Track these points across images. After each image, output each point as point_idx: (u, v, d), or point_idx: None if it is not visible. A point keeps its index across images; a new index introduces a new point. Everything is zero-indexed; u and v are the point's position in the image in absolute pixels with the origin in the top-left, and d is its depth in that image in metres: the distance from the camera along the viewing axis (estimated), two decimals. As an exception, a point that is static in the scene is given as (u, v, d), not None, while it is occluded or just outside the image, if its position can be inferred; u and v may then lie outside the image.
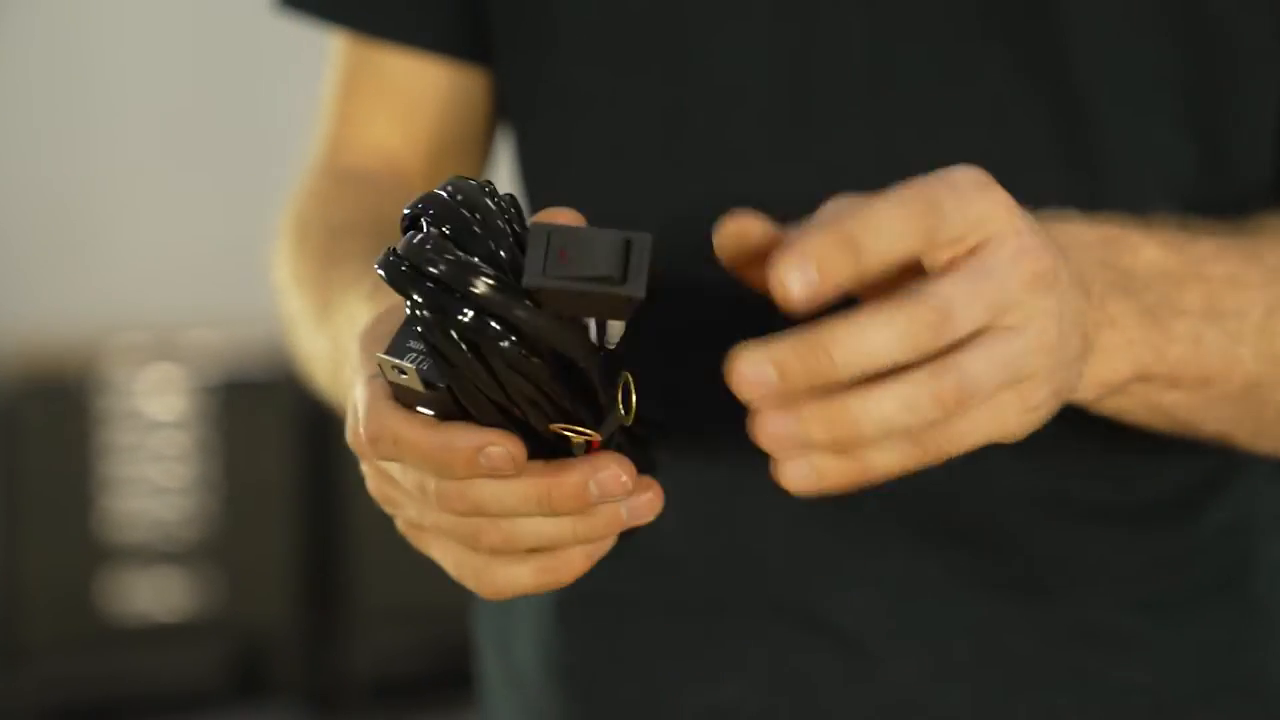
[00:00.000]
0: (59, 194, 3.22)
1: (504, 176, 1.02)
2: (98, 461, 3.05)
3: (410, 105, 0.98)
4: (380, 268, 0.62)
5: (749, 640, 0.90)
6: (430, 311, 0.61)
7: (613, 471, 0.64)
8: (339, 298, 0.83)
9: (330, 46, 1.01)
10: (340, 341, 0.81)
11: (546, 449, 0.65)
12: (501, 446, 0.63)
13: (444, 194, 0.63)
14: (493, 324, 0.61)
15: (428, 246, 0.61)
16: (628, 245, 0.60)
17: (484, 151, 1.01)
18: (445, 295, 0.61)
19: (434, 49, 0.97)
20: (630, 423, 0.65)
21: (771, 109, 0.87)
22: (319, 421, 3.13)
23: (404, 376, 0.64)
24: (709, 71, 0.88)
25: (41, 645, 3.05)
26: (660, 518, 0.90)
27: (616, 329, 0.63)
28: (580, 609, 0.93)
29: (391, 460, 0.65)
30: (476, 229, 0.62)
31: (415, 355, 0.63)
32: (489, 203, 0.63)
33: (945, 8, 0.85)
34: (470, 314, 0.61)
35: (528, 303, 0.61)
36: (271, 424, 3.12)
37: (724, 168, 0.88)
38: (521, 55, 0.93)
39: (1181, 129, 0.86)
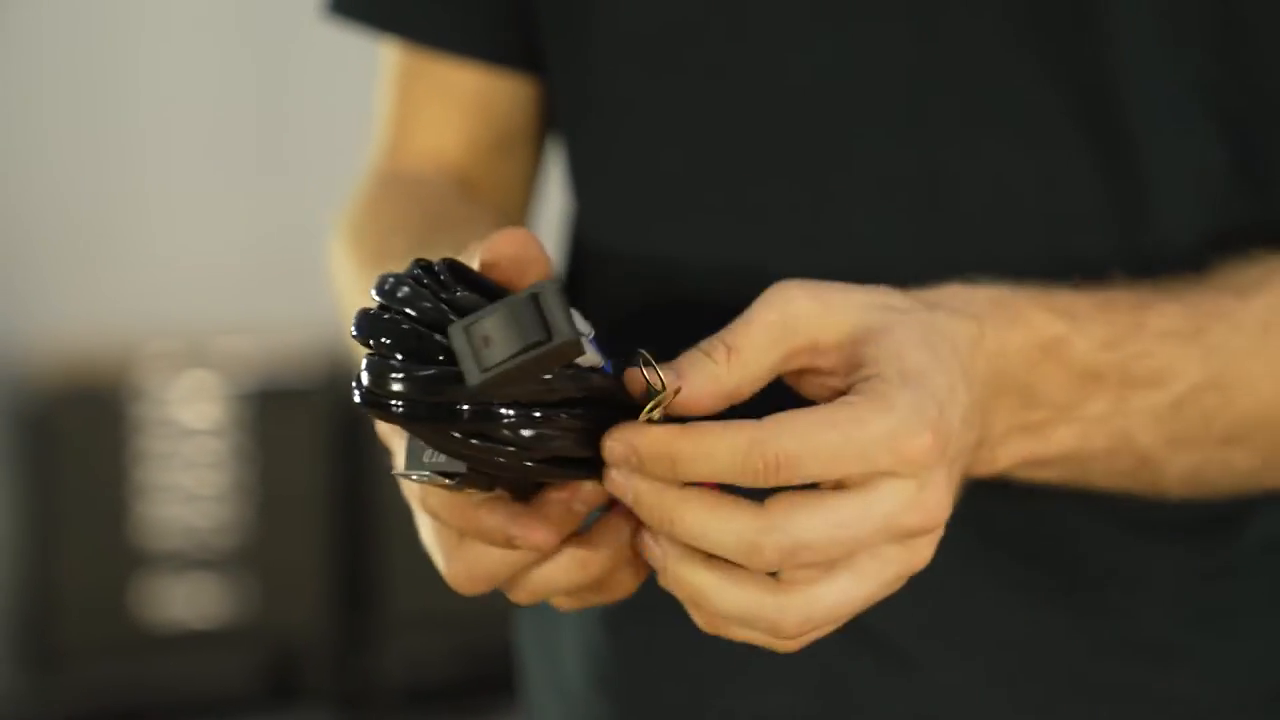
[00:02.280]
0: (93, 201, 3.23)
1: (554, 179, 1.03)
2: (132, 468, 3.06)
3: (462, 112, 0.99)
4: (365, 408, 0.62)
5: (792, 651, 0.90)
6: (427, 434, 0.62)
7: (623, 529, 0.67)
8: None
9: (382, 55, 1.02)
10: None
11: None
12: (523, 536, 0.66)
13: (376, 308, 0.63)
14: (491, 411, 0.62)
15: (394, 386, 0.61)
16: (536, 301, 0.60)
17: (535, 154, 1.01)
18: (430, 418, 0.61)
19: (484, 57, 0.97)
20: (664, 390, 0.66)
21: (812, 119, 0.87)
22: (352, 428, 3.14)
23: (429, 480, 0.65)
24: (749, 82, 0.88)
25: (76, 651, 3.06)
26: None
27: (582, 327, 0.63)
28: (626, 619, 0.93)
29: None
30: (417, 338, 0.62)
31: (429, 454, 0.64)
32: (421, 295, 0.63)
33: (987, 20, 0.85)
34: (466, 412, 0.61)
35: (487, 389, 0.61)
36: (305, 431, 3.12)
37: (764, 177, 0.88)
38: (566, 63, 0.93)
39: (1219, 145, 0.85)
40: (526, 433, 0.62)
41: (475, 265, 0.65)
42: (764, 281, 0.87)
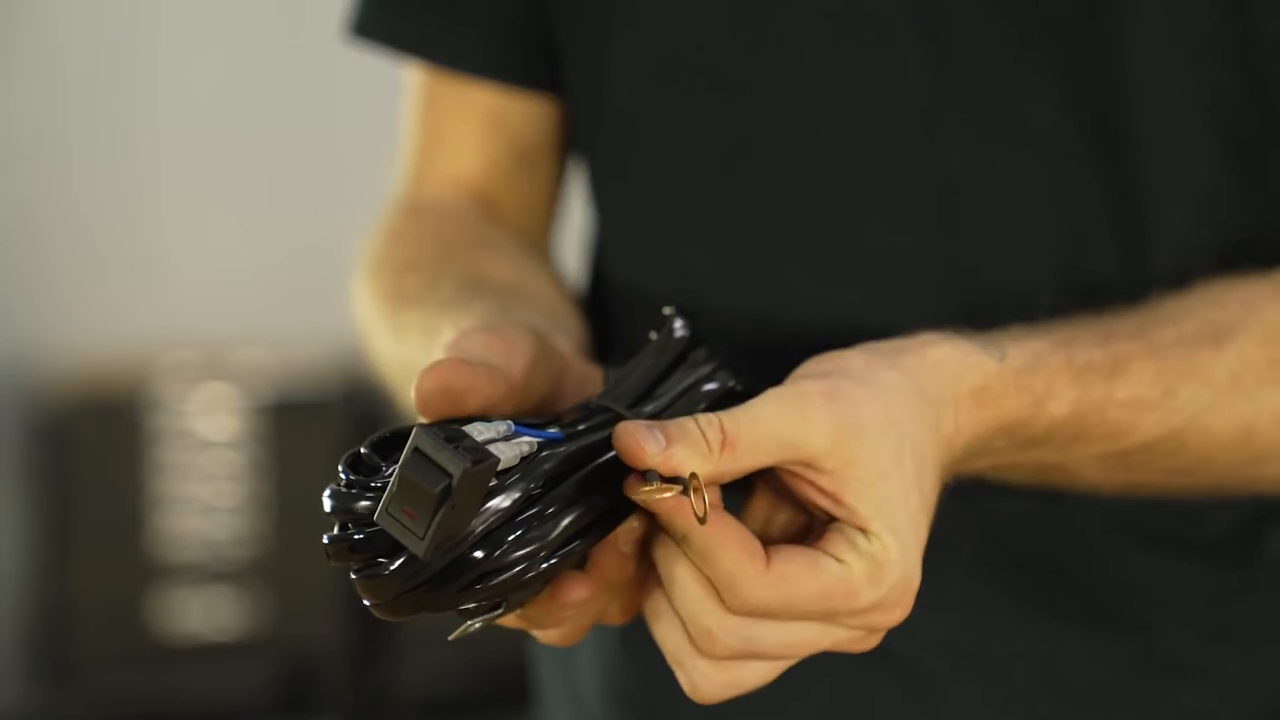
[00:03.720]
0: (111, 213, 3.23)
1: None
2: (148, 480, 3.07)
3: (484, 133, 0.99)
4: (391, 619, 0.64)
5: (812, 669, 0.90)
6: (449, 605, 0.64)
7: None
8: (405, 347, 0.86)
9: (405, 77, 1.02)
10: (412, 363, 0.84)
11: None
12: (571, 599, 0.68)
13: (334, 530, 0.64)
14: (468, 558, 0.63)
15: (389, 589, 0.63)
16: (419, 453, 0.61)
17: (556, 173, 1.02)
18: (436, 592, 0.63)
19: (506, 78, 0.98)
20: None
21: (827, 135, 0.88)
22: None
23: (483, 626, 0.67)
24: (766, 101, 0.88)
25: (91, 662, 3.06)
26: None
27: (506, 450, 0.64)
28: (645, 636, 0.93)
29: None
30: (370, 541, 0.63)
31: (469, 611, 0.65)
32: (353, 498, 0.64)
33: (1001, 38, 0.85)
34: (455, 572, 0.63)
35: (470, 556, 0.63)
36: (321, 443, 3.12)
37: (780, 194, 0.89)
38: (584, 83, 0.93)
39: (1226, 165, 0.86)
40: (521, 550, 0.63)
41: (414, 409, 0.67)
42: (780, 297, 0.88)
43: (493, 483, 0.63)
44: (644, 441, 0.63)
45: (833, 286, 0.88)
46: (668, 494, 0.63)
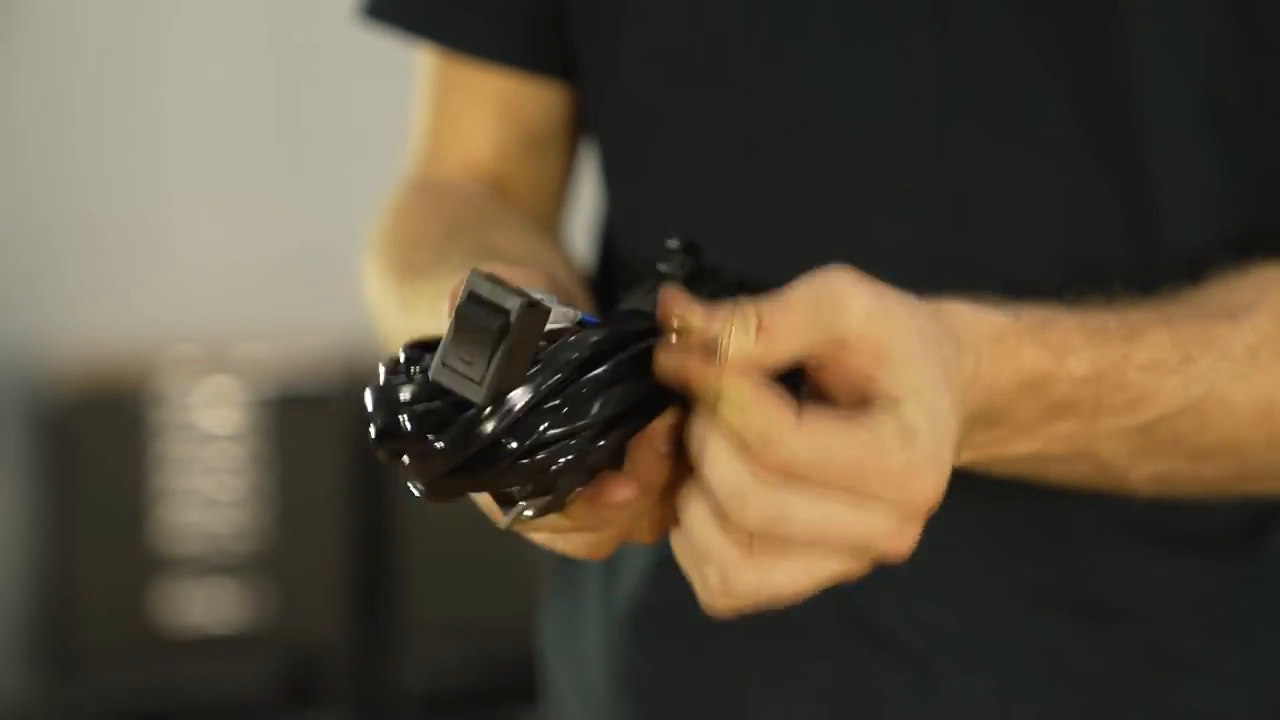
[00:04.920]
0: (115, 206, 3.24)
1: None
2: (151, 473, 3.07)
3: (496, 117, 0.99)
4: (435, 499, 0.63)
5: (817, 658, 0.90)
6: (500, 478, 0.62)
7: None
8: (415, 316, 0.85)
9: (418, 61, 1.03)
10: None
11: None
12: (612, 498, 0.65)
13: (380, 422, 0.63)
14: (528, 420, 0.62)
15: (438, 463, 0.62)
16: (474, 297, 0.61)
17: (568, 158, 1.02)
18: (488, 462, 0.62)
19: (519, 63, 0.98)
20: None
21: (839, 134, 0.88)
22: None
23: (535, 514, 0.65)
24: (777, 97, 0.88)
25: (95, 655, 3.07)
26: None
27: (557, 312, 0.63)
28: (651, 624, 0.94)
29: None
30: (419, 418, 0.62)
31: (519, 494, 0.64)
32: (398, 384, 0.63)
33: (1012, 40, 0.85)
34: (510, 435, 0.62)
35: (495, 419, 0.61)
36: (324, 437, 3.13)
37: (792, 192, 0.89)
38: (598, 71, 0.94)
39: (1234, 168, 0.86)
40: (563, 427, 0.62)
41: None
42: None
43: (541, 344, 0.62)
44: (690, 306, 0.63)
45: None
46: (694, 352, 0.63)
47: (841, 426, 0.62)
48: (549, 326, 0.62)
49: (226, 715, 3.15)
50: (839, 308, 0.64)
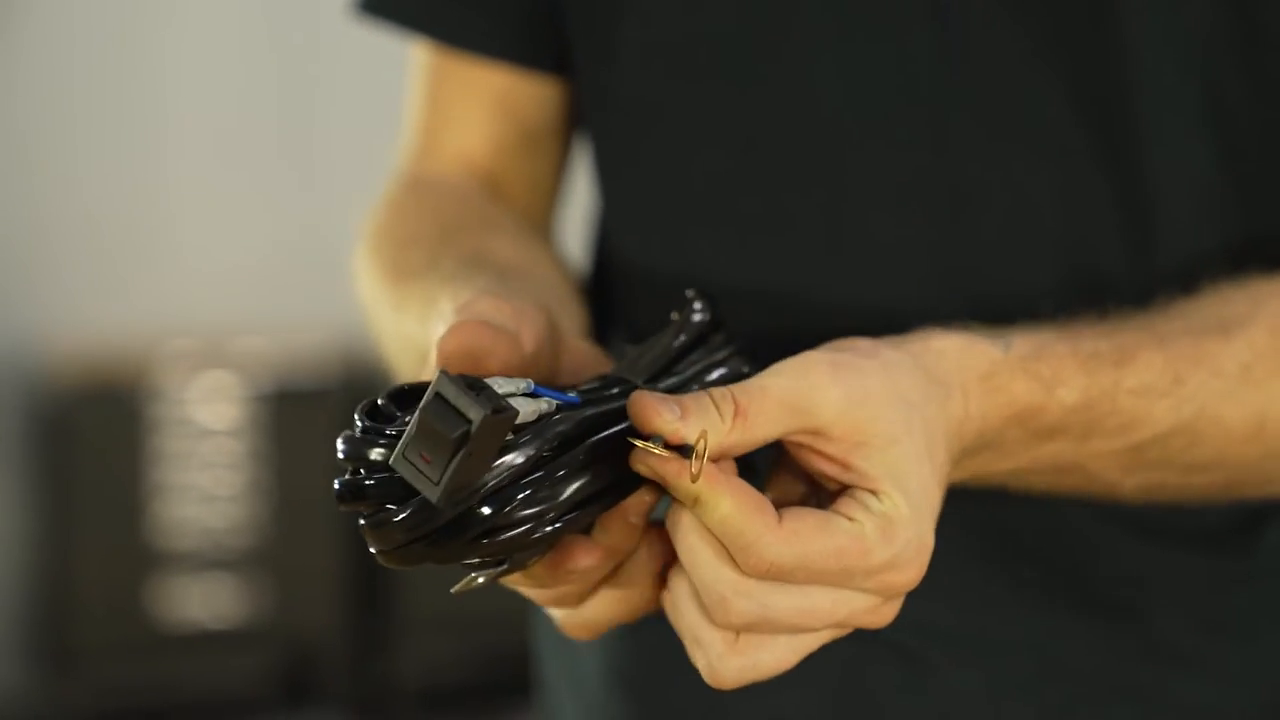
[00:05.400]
0: (113, 201, 3.23)
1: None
2: (149, 468, 3.07)
3: (489, 112, 0.99)
4: (393, 565, 0.65)
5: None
6: (455, 557, 0.64)
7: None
8: (405, 320, 0.86)
9: (411, 55, 1.02)
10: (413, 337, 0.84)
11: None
12: (570, 565, 0.67)
13: (345, 475, 0.65)
14: (476, 513, 0.63)
15: (394, 536, 0.63)
16: (441, 398, 0.61)
17: (561, 154, 1.02)
18: (440, 543, 0.63)
19: (512, 58, 0.98)
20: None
21: (837, 131, 0.88)
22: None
23: (487, 581, 0.67)
24: (775, 92, 0.88)
25: (91, 650, 3.06)
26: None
27: (526, 407, 0.64)
28: (644, 619, 0.94)
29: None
30: (384, 487, 0.64)
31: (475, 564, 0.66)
32: (368, 444, 0.65)
33: (1010, 37, 0.85)
34: (464, 522, 0.63)
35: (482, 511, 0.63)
36: (321, 432, 3.12)
37: (790, 186, 0.89)
38: (594, 66, 0.94)
39: (1229, 166, 0.86)
40: (529, 509, 0.63)
41: (434, 369, 0.67)
42: (786, 287, 0.88)
43: (509, 437, 0.63)
44: (659, 408, 0.64)
45: (839, 277, 0.88)
46: (670, 457, 0.63)
47: (822, 528, 0.64)
48: (520, 420, 0.63)
49: (224, 710, 3.15)
50: (815, 395, 0.65)
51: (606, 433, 0.65)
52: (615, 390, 0.67)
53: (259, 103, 3.29)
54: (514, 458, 0.63)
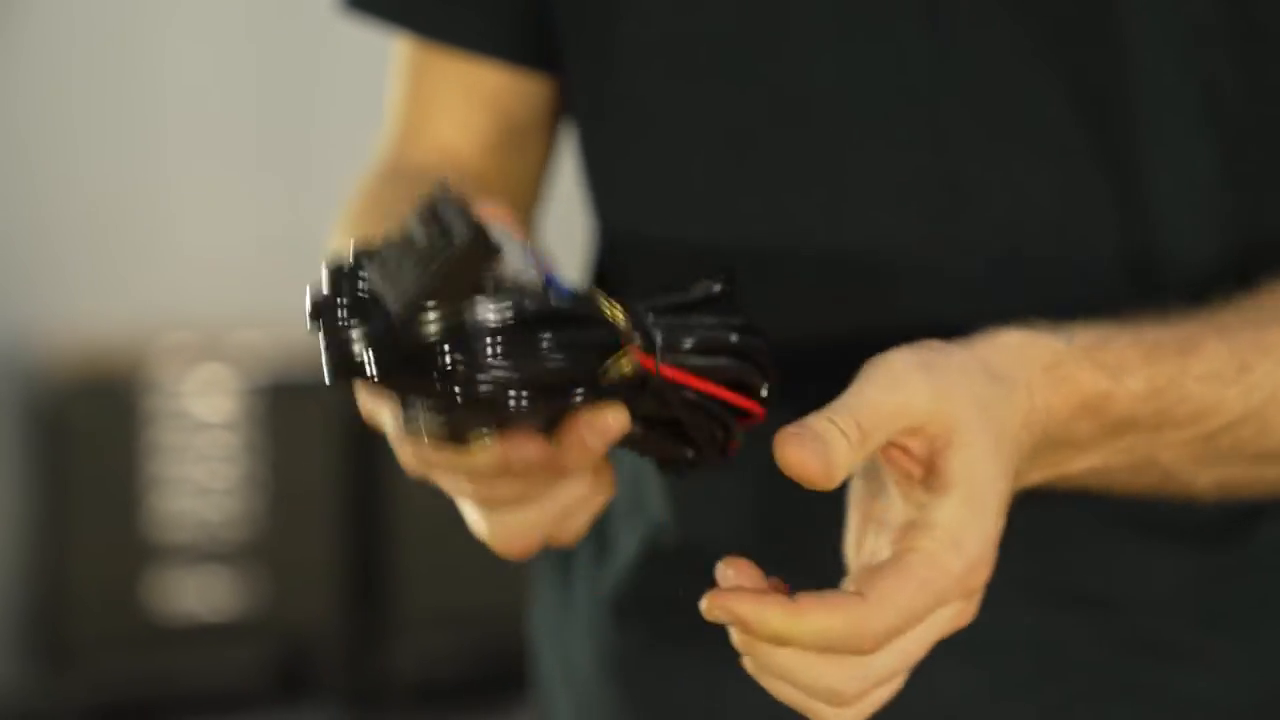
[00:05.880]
0: (108, 194, 3.23)
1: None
2: (144, 461, 3.07)
3: (473, 108, 0.99)
4: (338, 380, 0.62)
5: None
6: (407, 387, 0.62)
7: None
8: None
9: (394, 49, 1.02)
10: None
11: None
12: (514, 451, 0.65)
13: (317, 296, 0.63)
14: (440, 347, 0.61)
15: (354, 350, 0.61)
16: (433, 212, 0.60)
17: (546, 150, 1.01)
18: (396, 367, 0.61)
19: (496, 54, 0.97)
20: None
21: (835, 130, 0.88)
22: (365, 423, 3.14)
23: (433, 432, 0.64)
24: (775, 91, 0.88)
25: (87, 644, 3.07)
26: (717, 523, 0.91)
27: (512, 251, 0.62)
28: (636, 610, 0.94)
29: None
30: (356, 305, 0.62)
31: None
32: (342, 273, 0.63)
33: (1006, 32, 0.85)
34: (434, 372, 0.61)
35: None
36: (317, 426, 3.13)
37: (786, 185, 0.89)
38: (587, 64, 0.93)
39: (1226, 156, 0.86)
40: (496, 367, 0.61)
41: None
42: (785, 286, 0.88)
43: (494, 283, 0.61)
44: (816, 457, 0.65)
45: (837, 276, 0.88)
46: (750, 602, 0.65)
47: (900, 574, 0.66)
48: (509, 276, 0.61)
49: (219, 703, 3.15)
50: (914, 402, 0.67)
51: (586, 336, 0.63)
52: (614, 307, 0.65)
53: (255, 98, 3.29)
54: (491, 307, 0.60)
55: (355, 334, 0.61)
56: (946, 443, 0.67)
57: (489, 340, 0.61)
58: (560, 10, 0.94)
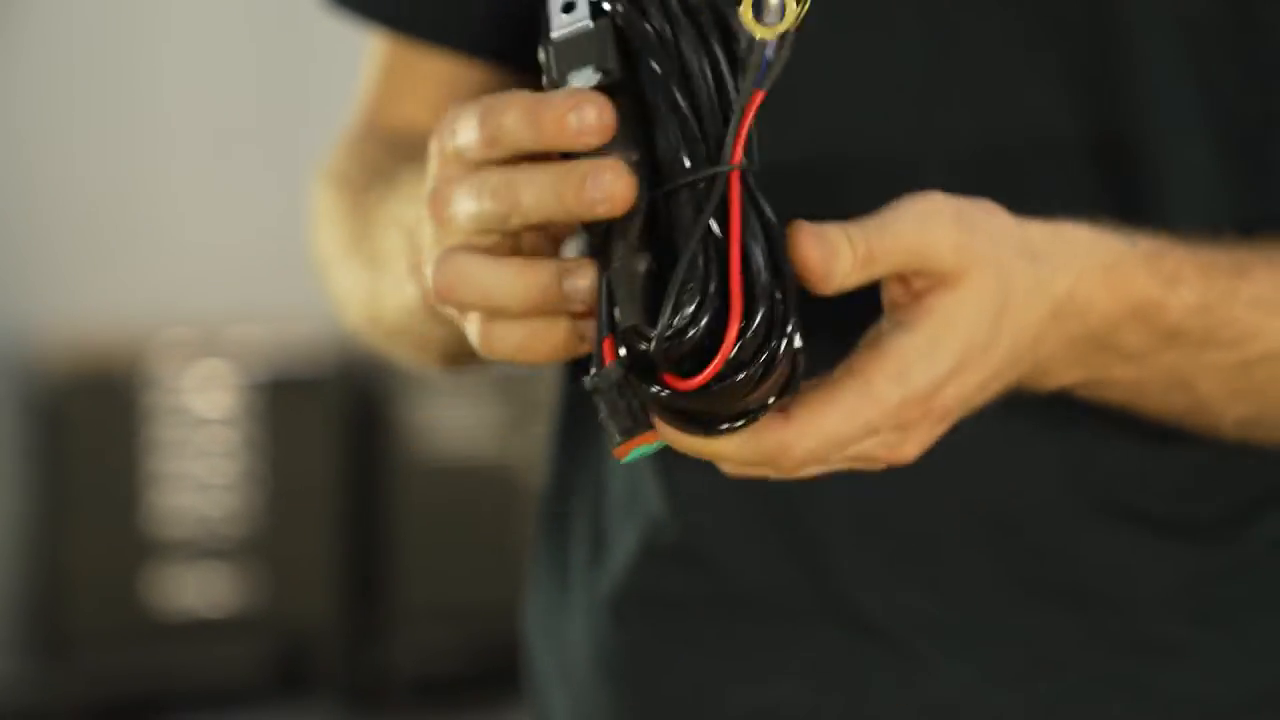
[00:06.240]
0: (107, 190, 3.23)
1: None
2: (143, 457, 3.07)
3: (443, 99, 0.99)
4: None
5: (798, 641, 0.90)
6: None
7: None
8: (378, 213, 0.87)
9: (369, 42, 1.03)
10: (400, 218, 0.84)
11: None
12: (594, 106, 0.67)
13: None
14: None
15: None
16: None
17: None
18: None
19: (471, 51, 0.98)
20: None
21: (829, 127, 0.88)
22: (364, 419, 3.15)
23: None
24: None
25: (86, 638, 3.07)
26: (716, 520, 0.91)
27: None
28: (633, 606, 0.94)
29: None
30: None
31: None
32: None
33: (1003, 32, 0.85)
34: None
35: None
36: (316, 421, 3.13)
37: (781, 182, 0.89)
38: None
39: (1226, 153, 0.86)
40: None
41: None
42: None
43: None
44: (820, 261, 0.66)
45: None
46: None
47: (828, 401, 0.66)
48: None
49: (218, 699, 3.15)
50: (935, 246, 0.68)
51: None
52: None
53: (253, 92, 3.29)
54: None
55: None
56: (944, 286, 0.68)
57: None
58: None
